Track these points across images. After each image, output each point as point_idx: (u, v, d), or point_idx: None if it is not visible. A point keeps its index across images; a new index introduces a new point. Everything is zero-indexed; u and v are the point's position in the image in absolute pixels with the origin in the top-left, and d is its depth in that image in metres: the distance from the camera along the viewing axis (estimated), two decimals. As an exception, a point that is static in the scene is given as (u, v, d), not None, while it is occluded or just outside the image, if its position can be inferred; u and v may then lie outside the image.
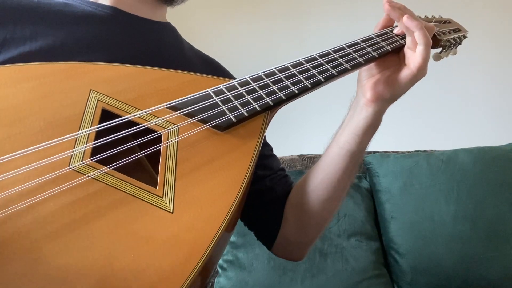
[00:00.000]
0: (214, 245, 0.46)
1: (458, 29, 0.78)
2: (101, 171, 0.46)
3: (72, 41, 0.62)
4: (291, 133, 1.94)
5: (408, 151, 1.61)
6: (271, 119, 0.60)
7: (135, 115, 0.53)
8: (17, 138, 0.45)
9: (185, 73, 0.61)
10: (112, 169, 0.47)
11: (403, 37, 0.65)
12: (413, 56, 0.60)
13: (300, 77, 0.61)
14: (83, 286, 0.39)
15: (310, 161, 1.54)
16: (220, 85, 0.59)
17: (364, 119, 0.63)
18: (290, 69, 0.62)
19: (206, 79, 0.61)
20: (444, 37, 0.73)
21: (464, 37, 0.79)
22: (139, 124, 0.52)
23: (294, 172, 1.45)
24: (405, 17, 0.60)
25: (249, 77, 0.61)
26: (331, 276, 1.30)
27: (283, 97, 0.59)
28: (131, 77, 0.57)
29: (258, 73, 0.61)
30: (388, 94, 0.62)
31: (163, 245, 0.44)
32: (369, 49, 0.64)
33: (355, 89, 0.67)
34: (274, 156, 0.79)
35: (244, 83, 0.60)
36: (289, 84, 0.60)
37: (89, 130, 0.49)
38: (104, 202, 0.44)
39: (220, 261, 1.34)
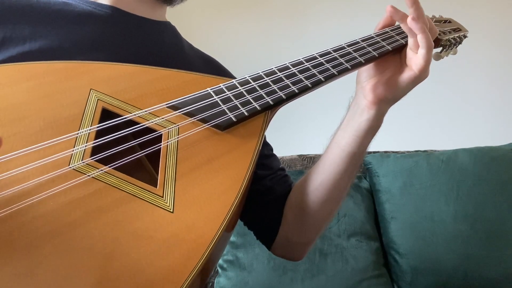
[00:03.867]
0: (214, 245, 0.46)
1: (458, 29, 0.78)
2: (101, 170, 0.46)
3: (72, 40, 0.62)
4: (291, 133, 1.94)
5: (408, 151, 1.61)
6: (271, 119, 0.60)
7: (135, 115, 0.52)
8: (17, 138, 0.45)
9: (185, 73, 0.61)
10: (112, 168, 0.47)
11: (403, 37, 0.64)
12: (415, 57, 0.60)
13: (300, 76, 0.61)
14: (83, 285, 0.39)
15: (310, 161, 1.54)
16: (220, 85, 0.59)
17: (366, 121, 0.63)
18: (290, 69, 0.62)
19: (206, 79, 0.61)
20: (444, 37, 0.73)
21: (465, 36, 0.79)
22: (139, 124, 0.52)
23: (294, 172, 1.45)
24: (409, 19, 0.58)
25: (249, 76, 0.61)
26: (331, 276, 1.30)
27: (283, 96, 0.59)
28: (131, 76, 0.57)
29: (258, 72, 0.61)
30: (390, 95, 0.62)
31: (163, 244, 0.44)
32: (369, 49, 0.64)
33: (355, 89, 0.67)
34: (274, 155, 0.79)
35: (244, 83, 0.60)
36: (289, 84, 0.60)
37: (89, 130, 0.49)
38: (104, 201, 0.44)
39: (220, 261, 1.34)
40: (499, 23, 2.06)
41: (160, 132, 0.52)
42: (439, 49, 0.75)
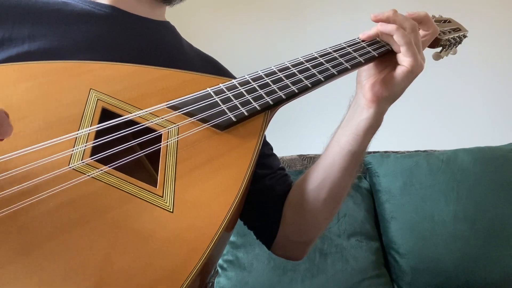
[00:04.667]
0: (214, 245, 0.45)
1: (458, 29, 0.78)
2: (101, 170, 0.46)
3: (71, 40, 0.62)
4: (291, 133, 1.94)
5: (408, 151, 1.61)
6: (271, 119, 0.60)
7: (135, 115, 0.52)
8: (17, 138, 0.45)
9: (185, 72, 0.61)
10: (112, 168, 0.47)
11: None
12: (402, 55, 0.61)
13: (300, 76, 0.61)
14: (82, 285, 0.39)
15: (310, 161, 1.54)
16: (220, 85, 0.59)
17: (366, 120, 0.63)
18: (290, 68, 0.62)
19: (206, 78, 0.61)
20: (444, 37, 0.73)
21: (464, 36, 0.79)
22: (139, 123, 0.52)
23: (294, 172, 1.45)
24: (378, 26, 0.62)
25: (249, 76, 0.61)
26: (331, 276, 1.30)
27: (283, 96, 0.59)
28: (131, 76, 0.57)
29: (258, 72, 0.61)
30: (387, 93, 0.62)
31: (163, 244, 0.44)
32: (369, 49, 0.64)
33: (355, 88, 0.67)
34: (274, 155, 0.79)
35: (244, 83, 0.60)
36: (289, 84, 0.60)
37: (89, 130, 0.49)
38: (104, 201, 0.44)
39: (220, 261, 1.34)
40: (499, 23, 2.06)
41: (160, 132, 0.52)
42: (438, 49, 0.75)
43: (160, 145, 0.51)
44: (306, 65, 0.62)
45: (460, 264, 1.34)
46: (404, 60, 0.60)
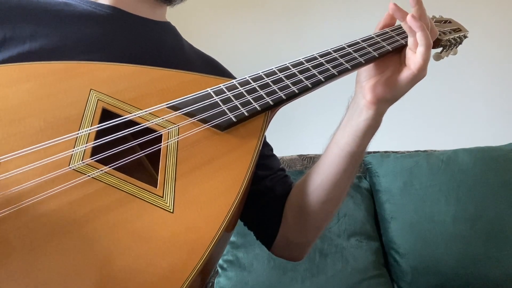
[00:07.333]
0: (214, 245, 0.46)
1: (458, 29, 0.78)
2: (101, 170, 0.46)
3: (72, 40, 0.62)
4: (291, 133, 1.94)
5: (408, 151, 1.61)
6: (271, 119, 0.60)
7: (135, 115, 0.52)
8: (17, 138, 0.45)
9: (185, 73, 0.61)
10: (112, 168, 0.47)
11: (403, 37, 0.65)
12: (414, 57, 0.60)
13: (301, 76, 0.61)
14: (83, 286, 0.39)
15: (310, 161, 1.54)
16: (220, 85, 0.59)
17: (365, 121, 0.63)
18: (291, 69, 0.62)
19: (206, 79, 0.61)
20: (444, 37, 0.73)
21: (465, 37, 0.79)
22: (139, 124, 0.52)
23: (294, 172, 1.45)
24: (409, 17, 0.59)
25: (249, 76, 0.61)
26: (331, 276, 1.30)
27: (284, 96, 0.59)
28: (131, 76, 0.57)
29: (258, 73, 0.61)
30: (389, 95, 0.62)
31: (163, 244, 0.44)
32: (369, 49, 0.64)
33: (354, 88, 0.67)
34: (274, 156, 0.79)
35: (244, 83, 0.60)
36: (290, 84, 0.60)
37: (89, 130, 0.49)
38: (104, 201, 0.44)
39: (220, 261, 1.34)
40: (500, 23, 2.06)
41: (160, 133, 0.52)
42: (439, 50, 0.75)
43: (161, 145, 0.51)
44: (306, 65, 0.62)
45: (460, 264, 1.34)
46: (415, 62, 0.59)
